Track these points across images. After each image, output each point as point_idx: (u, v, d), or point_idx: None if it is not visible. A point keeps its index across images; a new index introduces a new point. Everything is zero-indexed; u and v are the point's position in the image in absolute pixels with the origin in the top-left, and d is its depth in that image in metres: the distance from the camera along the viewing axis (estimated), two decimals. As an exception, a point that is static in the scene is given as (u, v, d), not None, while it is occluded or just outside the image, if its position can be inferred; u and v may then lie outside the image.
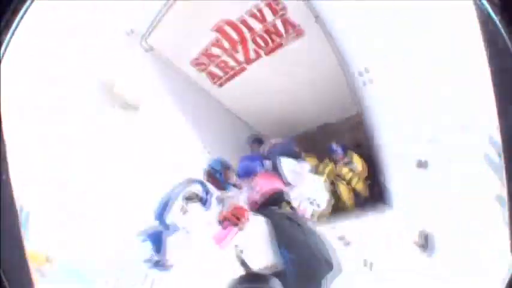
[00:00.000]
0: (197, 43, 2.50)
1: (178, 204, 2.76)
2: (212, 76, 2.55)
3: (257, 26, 2.38)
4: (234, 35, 2.38)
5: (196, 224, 2.45)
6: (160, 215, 2.95)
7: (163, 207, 2.94)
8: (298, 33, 2.27)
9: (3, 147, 2.87)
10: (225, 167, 3.01)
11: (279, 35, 2.28)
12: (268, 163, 2.52)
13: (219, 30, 2.34)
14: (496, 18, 2.62)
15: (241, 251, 2.32)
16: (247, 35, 2.35)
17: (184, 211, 2.57)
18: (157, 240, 2.95)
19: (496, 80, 2.84)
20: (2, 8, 2.56)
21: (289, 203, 2.71)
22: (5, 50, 2.61)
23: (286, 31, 2.32)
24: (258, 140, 2.98)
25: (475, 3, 2.79)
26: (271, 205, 2.27)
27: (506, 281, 2.83)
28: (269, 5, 2.20)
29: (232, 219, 2.26)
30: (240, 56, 2.47)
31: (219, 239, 2.17)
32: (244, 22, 2.36)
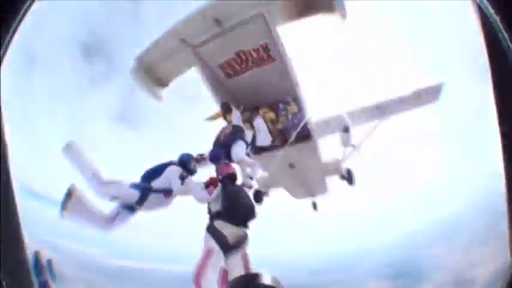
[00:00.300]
0: (225, 57, 4.65)
1: (177, 182, 4.19)
2: (227, 74, 4.69)
3: (255, 54, 4.58)
4: (243, 56, 4.56)
5: (193, 187, 4.08)
6: (148, 179, 4.24)
7: (153, 175, 4.27)
8: (273, 60, 4.49)
9: (3, 147, 2.88)
10: (193, 158, 4.49)
11: (264, 60, 4.50)
12: (225, 150, 4.24)
13: (238, 53, 4.53)
14: (496, 18, 2.62)
15: (209, 202, 4.03)
16: (249, 57, 4.56)
17: (182, 183, 4.13)
18: (144, 195, 4.16)
19: (496, 80, 2.84)
20: (2, 8, 2.56)
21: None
22: (6, 50, 2.62)
23: (268, 59, 4.52)
24: (226, 105, 4.73)
25: (475, 3, 2.80)
26: (228, 180, 4.01)
27: (507, 280, 2.83)
28: (263, 47, 4.42)
29: (214, 183, 4.04)
30: (243, 66, 4.67)
31: (210, 192, 4.00)
32: (249, 52, 4.57)
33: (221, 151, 4.18)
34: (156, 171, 4.22)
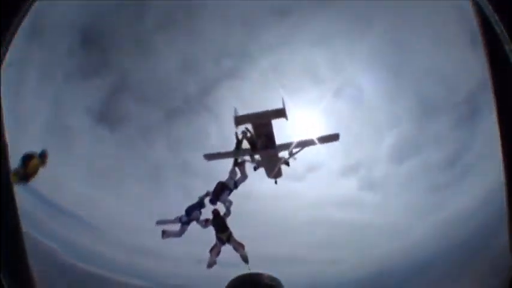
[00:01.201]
0: (257, 123, 7.00)
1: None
2: (254, 128, 7.11)
3: (261, 126, 6.97)
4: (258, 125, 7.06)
5: (200, 222, 6.18)
6: (188, 213, 6.73)
7: (198, 207, 6.66)
8: (267, 126, 7.11)
9: (3, 147, 2.88)
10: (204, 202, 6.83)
11: (264, 126, 7.00)
12: (217, 197, 6.67)
13: (256, 124, 6.97)
14: (496, 18, 2.62)
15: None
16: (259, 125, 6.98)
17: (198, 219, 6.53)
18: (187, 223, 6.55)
19: (496, 80, 2.84)
20: (2, 8, 2.56)
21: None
22: (6, 50, 2.62)
23: (265, 125, 7.00)
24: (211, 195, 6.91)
25: (475, 3, 2.80)
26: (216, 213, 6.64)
27: (507, 280, 2.84)
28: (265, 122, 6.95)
29: (208, 221, 6.32)
30: (257, 128, 7.08)
31: (207, 225, 6.49)
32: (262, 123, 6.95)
33: (214, 199, 6.80)
34: (193, 209, 6.77)
